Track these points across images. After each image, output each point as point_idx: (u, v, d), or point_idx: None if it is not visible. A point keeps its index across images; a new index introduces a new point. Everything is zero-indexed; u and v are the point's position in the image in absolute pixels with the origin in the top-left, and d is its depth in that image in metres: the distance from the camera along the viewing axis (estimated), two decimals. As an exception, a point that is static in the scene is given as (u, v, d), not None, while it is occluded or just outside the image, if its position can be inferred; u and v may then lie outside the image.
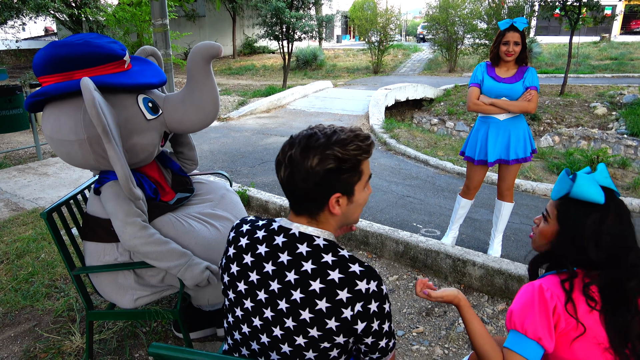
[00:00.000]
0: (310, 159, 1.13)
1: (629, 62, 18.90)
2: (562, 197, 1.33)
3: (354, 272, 1.15)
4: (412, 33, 43.53)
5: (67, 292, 2.98)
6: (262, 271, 1.20)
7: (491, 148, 3.27)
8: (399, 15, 22.36)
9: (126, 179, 1.79)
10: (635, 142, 10.12)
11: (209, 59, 2.04)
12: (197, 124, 2.16)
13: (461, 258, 3.17)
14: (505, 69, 3.19)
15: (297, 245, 1.19)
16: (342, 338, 1.14)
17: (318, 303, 1.13)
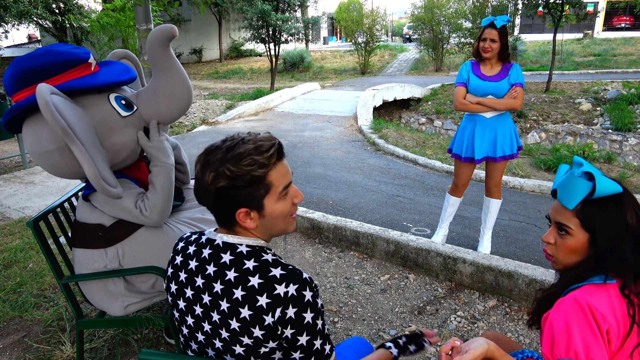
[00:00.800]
0: (207, 176, 1.12)
1: (612, 58, 19.18)
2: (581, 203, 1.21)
3: (273, 276, 1.12)
4: (398, 33, 43.71)
5: (56, 301, 2.94)
6: (195, 286, 1.19)
7: (478, 145, 3.30)
8: (384, 15, 22.47)
9: (96, 177, 1.76)
10: (620, 136, 10.26)
11: (165, 42, 2.00)
12: (174, 111, 2.13)
13: (451, 256, 3.19)
14: (490, 66, 3.22)
15: (221, 255, 1.17)
16: (272, 344, 1.12)
17: (241, 311, 1.11)
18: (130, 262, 2.11)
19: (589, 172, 1.19)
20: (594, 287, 1.17)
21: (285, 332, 1.11)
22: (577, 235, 1.22)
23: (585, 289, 1.17)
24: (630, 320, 1.13)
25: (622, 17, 34.68)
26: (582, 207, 1.21)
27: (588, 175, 1.19)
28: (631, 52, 20.50)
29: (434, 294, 3.09)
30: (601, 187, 1.16)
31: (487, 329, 2.73)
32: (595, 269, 1.20)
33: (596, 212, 1.19)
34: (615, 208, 1.18)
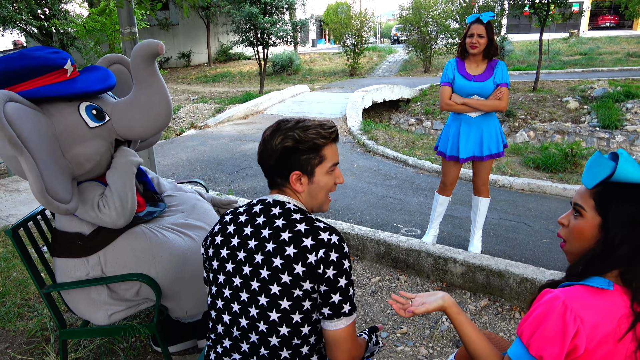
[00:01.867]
0: (276, 138, 1.33)
1: (598, 57, 19.38)
2: (599, 184, 1.15)
3: (318, 226, 1.29)
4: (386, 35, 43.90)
5: (40, 311, 2.88)
6: (242, 234, 1.33)
7: (463, 145, 3.29)
8: (372, 17, 22.53)
9: (40, 192, 1.68)
10: (607, 134, 10.35)
11: (149, 58, 1.94)
12: (148, 128, 2.05)
13: (442, 256, 3.17)
14: (475, 64, 3.20)
15: (271, 209, 1.35)
16: (308, 284, 1.24)
17: (287, 249, 1.26)
18: (112, 269, 2.06)
19: (615, 153, 1.13)
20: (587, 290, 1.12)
21: (328, 273, 1.25)
22: (589, 217, 1.16)
23: (575, 289, 1.12)
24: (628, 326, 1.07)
25: (606, 16, 35.13)
26: (602, 189, 1.15)
27: (614, 156, 1.13)
28: (616, 50, 20.73)
29: (425, 295, 3.06)
30: (622, 169, 1.09)
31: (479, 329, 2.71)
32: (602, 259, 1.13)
33: (614, 197, 1.13)
34: (636, 198, 1.10)
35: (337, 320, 1.26)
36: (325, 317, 1.27)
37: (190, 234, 2.22)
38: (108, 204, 1.93)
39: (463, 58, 3.24)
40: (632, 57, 18.81)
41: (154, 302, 2.20)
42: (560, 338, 1.07)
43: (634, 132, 10.33)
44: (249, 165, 6.38)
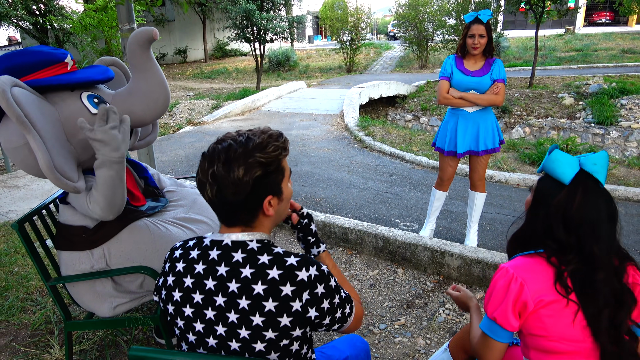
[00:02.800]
0: (236, 171, 1.12)
1: (593, 53, 19.46)
2: (541, 171, 1.35)
3: (291, 265, 1.15)
4: (382, 31, 43.84)
5: (43, 304, 2.91)
6: (205, 289, 1.17)
7: (460, 140, 3.34)
8: (369, 13, 22.52)
9: (48, 166, 1.74)
10: (602, 130, 10.43)
11: (145, 44, 2.01)
12: (147, 113, 2.11)
13: (439, 249, 3.22)
14: (473, 61, 3.26)
15: (232, 255, 1.18)
16: (298, 331, 1.15)
17: (265, 305, 1.12)
18: (117, 262, 2.10)
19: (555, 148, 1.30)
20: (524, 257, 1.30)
21: (323, 304, 1.17)
22: (530, 196, 1.37)
23: (516, 259, 1.31)
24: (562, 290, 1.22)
25: (602, 12, 35.22)
26: (543, 176, 1.35)
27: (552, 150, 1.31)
28: (611, 47, 20.82)
29: (422, 288, 3.12)
30: (549, 162, 1.29)
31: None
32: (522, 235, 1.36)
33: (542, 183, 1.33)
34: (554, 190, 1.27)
35: (346, 323, 1.27)
36: (336, 330, 1.26)
37: (192, 228, 2.26)
38: (93, 202, 1.93)
39: (463, 56, 3.29)
40: (627, 54, 18.90)
41: (157, 295, 2.24)
42: (504, 297, 1.26)
43: (628, 128, 10.42)
44: (247, 161, 6.42)
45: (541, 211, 1.28)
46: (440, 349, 1.84)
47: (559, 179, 1.25)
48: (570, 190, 1.24)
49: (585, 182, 1.24)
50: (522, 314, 1.26)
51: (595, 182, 1.25)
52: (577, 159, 1.26)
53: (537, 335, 1.27)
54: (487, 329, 1.32)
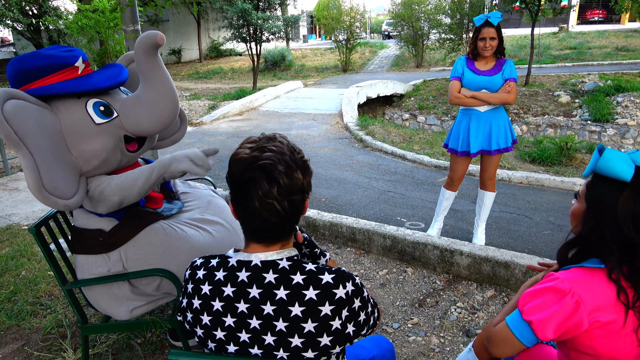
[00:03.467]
0: (296, 175, 1.10)
1: (587, 51, 19.58)
2: (592, 175, 1.26)
3: (327, 283, 1.11)
4: (376, 30, 43.88)
5: (53, 308, 2.90)
6: (237, 312, 1.13)
7: (473, 139, 3.35)
8: (364, 12, 22.54)
9: (37, 188, 1.72)
10: (599, 127, 10.51)
11: (150, 50, 1.92)
12: (154, 122, 2.02)
13: (448, 248, 3.23)
14: (485, 62, 3.27)
15: (263, 276, 1.13)
16: (338, 348, 1.13)
17: (305, 326, 1.09)
18: (134, 265, 2.09)
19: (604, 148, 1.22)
20: (582, 271, 1.20)
21: (360, 318, 1.15)
22: (580, 203, 1.29)
23: (572, 271, 1.21)
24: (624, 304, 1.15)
25: (595, 10, 35.45)
26: (593, 180, 1.25)
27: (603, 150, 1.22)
28: (605, 44, 20.96)
29: (432, 287, 3.13)
30: (602, 163, 1.19)
31: (486, 319, 2.78)
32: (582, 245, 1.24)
33: (596, 187, 1.23)
34: (613, 191, 1.18)
35: (376, 327, 1.27)
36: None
37: (208, 229, 2.26)
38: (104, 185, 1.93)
39: (473, 58, 3.30)
40: (621, 52, 19.03)
41: (174, 297, 2.24)
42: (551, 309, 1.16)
43: (624, 126, 10.50)
44: (248, 162, 6.41)
45: (606, 216, 1.19)
46: (465, 350, 1.85)
47: (619, 178, 1.17)
48: (634, 188, 1.16)
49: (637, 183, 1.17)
50: (570, 332, 1.18)
51: None
52: (626, 154, 1.20)
53: (585, 353, 1.22)
54: (514, 327, 1.24)
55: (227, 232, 2.30)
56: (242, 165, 1.09)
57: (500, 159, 3.49)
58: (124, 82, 2.10)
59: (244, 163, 1.09)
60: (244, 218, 1.14)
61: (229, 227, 2.33)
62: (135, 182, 1.97)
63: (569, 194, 5.08)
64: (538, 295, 1.20)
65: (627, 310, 1.14)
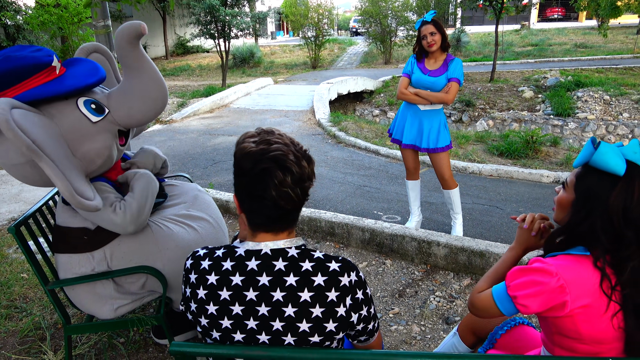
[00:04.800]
0: (306, 166, 1.16)
1: (548, 48, 20.26)
2: (583, 166, 1.28)
3: (334, 270, 1.17)
4: (344, 27, 44.06)
5: (29, 310, 2.82)
6: (245, 300, 1.16)
7: (407, 132, 3.55)
8: (332, 9, 22.60)
9: (70, 193, 1.67)
10: (561, 121, 10.91)
11: (133, 40, 1.90)
12: (147, 113, 2.03)
13: (426, 240, 3.32)
14: (433, 60, 3.42)
15: (273, 264, 1.17)
16: (341, 334, 1.19)
17: (313, 311, 1.14)
18: (119, 263, 2.07)
19: (601, 142, 1.24)
20: (568, 258, 1.24)
21: (362, 312, 1.21)
22: (568, 192, 1.31)
23: (559, 258, 1.25)
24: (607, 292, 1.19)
25: (554, 8, 36.67)
26: (583, 171, 1.28)
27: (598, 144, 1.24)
28: (565, 41, 21.73)
29: (411, 277, 3.21)
30: (598, 156, 1.21)
31: (464, 306, 2.88)
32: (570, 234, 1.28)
33: (588, 179, 1.25)
34: (606, 184, 1.21)
35: (372, 338, 1.31)
36: (361, 341, 1.30)
37: (194, 225, 2.25)
38: (125, 208, 1.93)
39: (420, 59, 3.45)
40: (579, 48, 19.78)
41: (159, 295, 2.23)
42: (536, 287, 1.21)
43: (584, 119, 10.94)
44: (222, 159, 6.35)
45: (597, 208, 1.22)
46: (450, 334, 1.92)
47: (613, 172, 1.19)
48: (626, 182, 1.19)
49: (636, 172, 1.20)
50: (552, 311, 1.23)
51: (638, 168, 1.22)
52: (619, 148, 1.22)
53: (568, 337, 1.27)
54: (498, 299, 1.31)
55: (212, 229, 2.30)
56: (253, 158, 1.12)
57: (448, 158, 3.58)
58: (105, 79, 2.06)
59: (254, 156, 1.12)
60: (255, 209, 1.17)
61: (214, 224, 2.33)
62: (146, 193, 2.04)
63: (537, 185, 5.28)
64: (525, 273, 1.26)
65: (610, 297, 1.19)
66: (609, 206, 1.20)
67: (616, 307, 1.20)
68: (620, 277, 1.20)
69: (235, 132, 8.10)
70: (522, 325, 1.67)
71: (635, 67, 14.40)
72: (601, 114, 11.28)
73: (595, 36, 20.99)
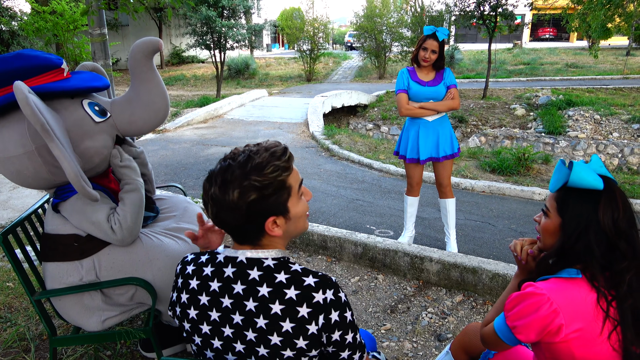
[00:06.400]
0: (231, 195, 1.09)
1: (540, 67, 20.57)
2: (560, 188, 1.30)
3: (309, 285, 1.13)
4: (339, 41, 44.48)
5: (14, 320, 2.76)
6: (222, 307, 1.15)
7: (422, 147, 3.52)
8: (327, 23, 22.83)
9: (76, 176, 1.71)
10: (552, 139, 11.02)
11: (150, 55, 2.02)
12: (148, 122, 2.11)
13: (418, 255, 3.31)
14: (426, 72, 3.46)
15: (248, 272, 1.15)
16: (314, 352, 1.13)
17: (283, 325, 1.11)
18: (107, 274, 2.03)
19: (572, 162, 1.27)
20: (560, 281, 1.24)
21: (334, 336, 1.13)
22: (553, 217, 1.31)
23: (550, 282, 1.24)
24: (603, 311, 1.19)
25: (546, 28, 37.34)
26: (562, 193, 1.29)
27: (570, 164, 1.27)
28: (556, 61, 22.08)
29: (403, 293, 3.19)
30: (575, 176, 1.23)
31: (457, 323, 2.86)
32: (563, 256, 1.27)
33: (571, 200, 1.26)
34: (590, 202, 1.23)
35: None
36: None
37: (184, 237, 2.23)
38: (120, 221, 1.94)
39: (417, 65, 3.47)
40: (570, 68, 20.11)
41: (147, 307, 2.19)
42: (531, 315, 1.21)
43: (575, 138, 11.06)
44: (215, 170, 6.34)
45: (588, 225, 1.23)
46: (442, 352, 1.90)
47: (593, 187, 1.23)
48: (608, 195, 1.23)
49: (612, 184, 1.24)
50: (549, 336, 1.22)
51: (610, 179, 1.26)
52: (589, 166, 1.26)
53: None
54: (500, 332, 1.31)
55: (203, 240, 2.27)
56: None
57: (452, 166, 3.65)
58: (108, 87, 2.17)
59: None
60: None
61: (204, 235, 2.30)
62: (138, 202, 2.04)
63: (529, 202, 5.30)
64: (519, 300, 1.25)
65: (605, 317, 1.19)
66: (600, 222, 1.22)
67: (613, 324, 1.20)
68: (617, 291, 1.20)
69: (228, 142, 8.08)
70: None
71: (625, 88, 14.64)
72: (592, 133, 11.41)
73: (586, 57, 21.34)
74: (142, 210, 2.04)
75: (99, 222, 1.93)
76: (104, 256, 2.02)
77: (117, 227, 1.93)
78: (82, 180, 1.73)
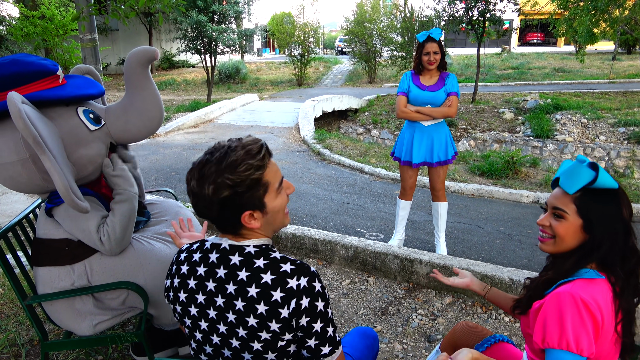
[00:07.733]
0: (206, 189, 1.15)
1: (528, 71, 20.80)
2: (578, 190, 1.29)
3: (284, 272, 1.18)
4: (329, 46, 44.64)
5: (4, 326, 2.75)
6: (207, 290, 1.22)
7: (416, 151, 3.55)
8: (317, 28, 22.92)
9: (66, 189, 1.71)
10: (540, 143, 11.15)
11: (146, 63, 2.04)
12: (142, 130, 2.13)
13: (408, 258, 3.34)
14: (429, 76, 3.48)
15: (229, 258, 1.22)
16: (288, 335, 1.17)
17: (258, 308, 1.16)
18: (99, 278, 2.04)
19: (594, 163, 1.27)
20: (586, 282, 1.25)
21: (301, 322, 1.17)
22: (572, 220, 1.29)
23: (577, 284, 1.24)
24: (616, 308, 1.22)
25: (534, 33, 37.81)
26: (581, 195, 1.28)
27: (592, 165, 1.27)
28: (544, 65, 22.34)
29: (394, 295, 3.22)
30: (602, 177, 1.24)
31: (446, 324, 2.90)
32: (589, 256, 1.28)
33: (593, 202, 1.27)
34: (613, 202, 1.26)
35: None
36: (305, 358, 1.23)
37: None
38: (109, 234, 1.95)
39: (419, 73, 3.49)
40: (558, 72, 20.36)
41: (139, 311, 2.20)
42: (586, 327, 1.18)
43: (562, 142, 11.21)
44: (206, 174, 6.34)
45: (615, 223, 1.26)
46: (433, 352, 1.93)
47: (612, 187, 1.25)
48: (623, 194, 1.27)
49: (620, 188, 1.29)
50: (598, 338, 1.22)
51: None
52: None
53: None
54: None
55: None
56: None
57: (446, 171, 3.69)
58: (103, 94, 2.18)
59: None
60: None
61: (196, 238, 2.32)
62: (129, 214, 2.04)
63: (517, 205, 5.37)
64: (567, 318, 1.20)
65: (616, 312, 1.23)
66: (624, 218, 1.27)
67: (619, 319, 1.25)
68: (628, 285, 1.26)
69: (219, 147, 8.09)
70: (502, 342, 1.69)
71: (611, 92, 14.87)
72: (579, 136, 11.58)
73: (573, 61, 21.62)
74: (132, 221, 2.04)
75: (89, 231, 1.95)
76: (95, 261, 2.03)
77: (105, 238, 1.94)
78: (72, 193, 1.73)
